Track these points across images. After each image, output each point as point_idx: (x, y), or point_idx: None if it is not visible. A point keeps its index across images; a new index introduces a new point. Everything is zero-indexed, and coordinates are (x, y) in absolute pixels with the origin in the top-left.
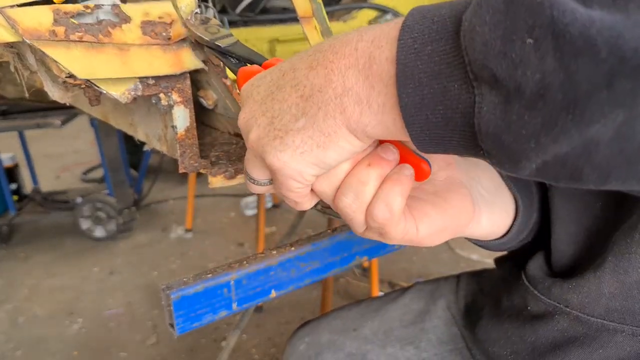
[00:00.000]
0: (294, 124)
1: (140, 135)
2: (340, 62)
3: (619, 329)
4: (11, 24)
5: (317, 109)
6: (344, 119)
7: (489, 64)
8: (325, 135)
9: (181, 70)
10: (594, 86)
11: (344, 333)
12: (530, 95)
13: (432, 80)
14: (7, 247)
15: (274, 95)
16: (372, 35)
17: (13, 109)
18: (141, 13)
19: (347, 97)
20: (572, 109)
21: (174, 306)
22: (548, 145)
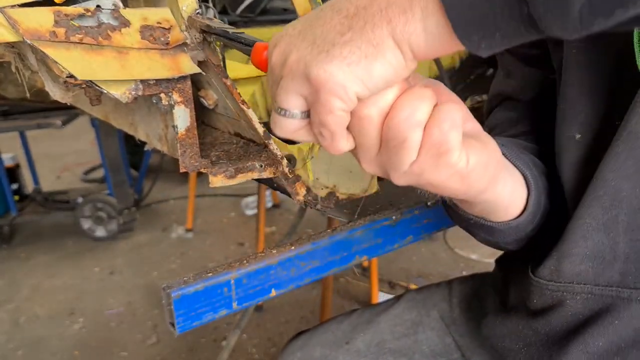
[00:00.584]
0: (341, 37)
1: (140, 135)
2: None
3: (634, 296)
4: (12, 24)
5: (364, 22)
6: (390, 29)
7: None
8: (374, 45)
9: (179, 74)
10: None
11: (336, 347)
12: None
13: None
14: (8, 247)
15: (313, 23)
16: None
17: (14, 109)
18: (140, 18)
19: (392, 9)
20: None
21: (175, 305)
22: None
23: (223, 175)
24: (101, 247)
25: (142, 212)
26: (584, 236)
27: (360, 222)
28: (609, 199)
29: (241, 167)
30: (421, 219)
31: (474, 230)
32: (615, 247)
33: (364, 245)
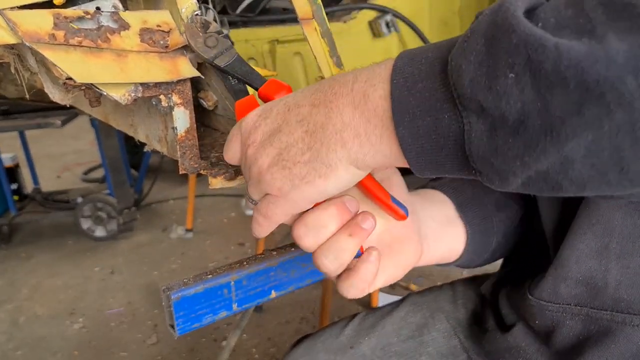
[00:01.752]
0: (301, 156)
1: (140, 136)
2: (339, 101)
3: (627, 321)
4: (11, 26)
5: (320, 144)
6: (344, 152)
7: (476, 97)
8: (327, 166)
9: (177, 77)
10: (567, 112)
11: (340, 352)
12: (513, 122)
13: (425, 113)
14: (8, 247)
15: (281, 128)
16: (365, 76)
17: (14, 109)
18: (140, 21)
19: (347, 132)
20: (550, 132)
21: (174, 307)
22: (531, 163)
23: (223, 176)
24: (101, 247)
25: (142, 212)
26: (577, 262)
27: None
28: (602, 227)
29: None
30: None
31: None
32: (606, 274)
33: None
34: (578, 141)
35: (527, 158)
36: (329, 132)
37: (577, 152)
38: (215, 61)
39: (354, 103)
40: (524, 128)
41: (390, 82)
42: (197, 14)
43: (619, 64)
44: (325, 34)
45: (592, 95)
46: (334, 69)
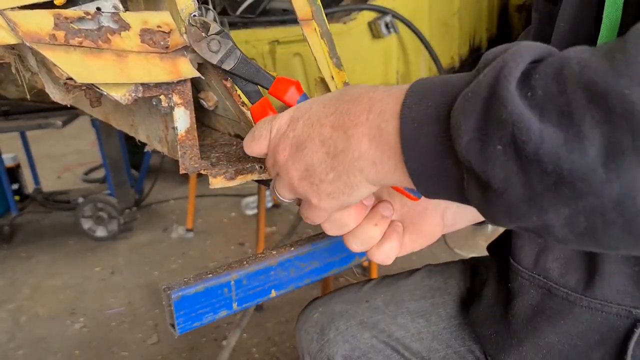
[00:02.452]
0: (325, 176)
1: (141, 136)
2: (356, 130)
3: (578, 301)
4: (11, 26)
5: (342, 168)
6: (363, 176)
7: (469, 158)
8: (349, 187)
9: (178, 78)
10: (545, 188)
11: (356, 303)
12: (497, 188)
13: (431, 154)
14: (9, 247)
15: (306, 145)
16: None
17: (15, 109)
18: (140, 21)
19: (364, 160)
20: (529, 202)
21: (175, 306)
22: (513, 222)
23: (223, 176)
24: (102, 247)
25: (143, 212)
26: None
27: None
28: None
29: (241, 168)
30: None
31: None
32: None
33: None
34: (555, 212)
35: (508, 220)
36: (349, 159)
37: (555, 221)
38: (223, 66)
39: (370, 135)
40: (507, 195)
41: (400, 119)
42: (194, 15)
43: (591, 156)
44: (325, 35)
45: (567, 180)
46: (334, 69)
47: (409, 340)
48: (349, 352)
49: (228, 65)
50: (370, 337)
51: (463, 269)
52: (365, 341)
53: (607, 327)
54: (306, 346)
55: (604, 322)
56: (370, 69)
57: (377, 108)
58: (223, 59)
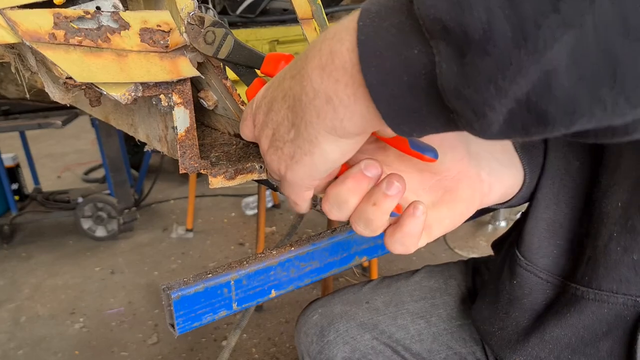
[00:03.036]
0: (287, 135)
1: (140, 136)
2: (308, 66)
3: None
4: (11, 26)
5: (300, 119)
6: (319, 122)
7: (438, 14)
8: (309, 142)
9: (178, 77)
10: (541, 12)
11: (356, 305)
12: (480, 39)
13: (393, 52)
14: (8, 247)
15: (272, 107)
16: (333, 32)
17: (14, 109)
18: (140, 20)
19: (318, 99)
20: (524, 42)
21: (174, 306)
22: (507, 87)
23: (223, 176)
24: (102, 247)
25: (143, 212)
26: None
27: None
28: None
29: (241, 168)
30: None
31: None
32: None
33: (363, 245)
34: (558, 48)
35: (502, 81)
36: (303, 104)
37: (559, 62)
38: (218, 55)
39: (322, 64)
40: (493, 43)
41: (357, 29)
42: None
43: None
44: None
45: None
46: None
47: (409, 342)
48: (349, 353)
49: (223, 53)
50: (370, 338)
51: (463, 270)
52: (366, 343)
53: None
54: (306, 348)
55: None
56: None
57: (331, 33)
58: (218, 49)
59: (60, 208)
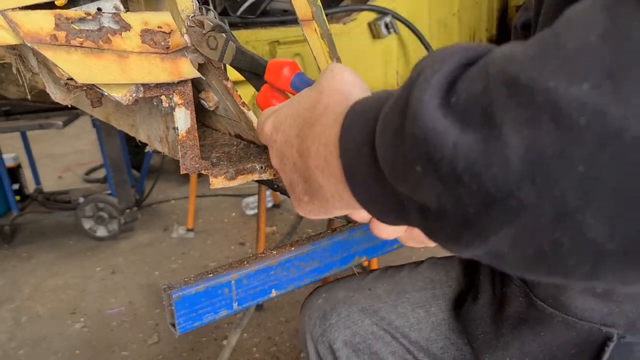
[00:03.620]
0: (303, 196)
1: (141, 136)
2: (312, 162)
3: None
4: (12, 27)
5: (312, 194)
6: (330, 203)
7: (397, 185)
8: (324, 209)
9: (179, 78)
10: (477, 210)
11: (359, 291)
12: (435, 211)
13: (372, 181)
14: (9, 247)
15: (285, 162)
16: (325, 138)
17: (16, 109)
18: (141, 22)
19: (325, 191)
20: (468, 226)
21: (175, 306)
22: (464, 250)
23: (223, 176)
24: (103, 247)
25: (143, 212)
26: None
27: (359, 223)
28: None
29: (241, 168)
30: None
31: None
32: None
33: (363, 245)
34: (497, 237)
35: (460, 245)
36: (315, 188)
37: (502, 245)
38: (223, 61)
39: (320, 168)
40: (446, 219)
41: (339, 149)
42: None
43: (514, 170)
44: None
45: (495, 199)
46: None
47: (407, 330)
48: (349, 337)
49: (227, 59)
50: (370, 324)
51: (465, 263)
52: (366, 328)
53: (582, 341)
54: (309, 330)
55: (579, 337)
56: (370, 70)
57: (324, 138)
58: (222, 54)
59: (61, 208)
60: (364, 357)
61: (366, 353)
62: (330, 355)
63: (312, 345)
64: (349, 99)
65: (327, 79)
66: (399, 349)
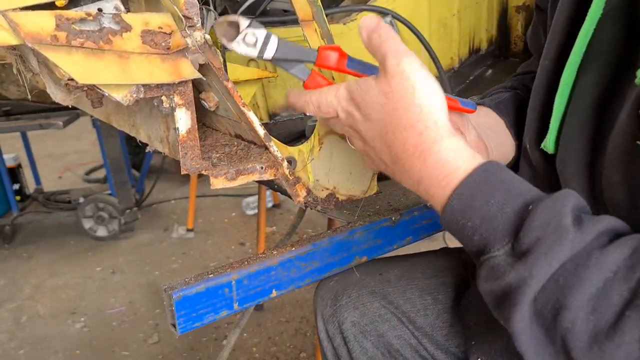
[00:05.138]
0: (385, 168)
1: (142, 136)
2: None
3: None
4: (13, 27)
5: (399, 177)
6: (412, 185)
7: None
8: (399, 179)
9: (179, 79)
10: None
11: (370, 275)
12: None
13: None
14: (10, 247)
15: (372, 146)
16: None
17: (16, 109)
18: (142, 22)
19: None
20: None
21: (176, 306)
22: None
23: (224, 177)
24: (103, 247)
25: (144, 212)
26: None
27: (360, 223)
28: None
29: (242, 169)
30: (420, 220)
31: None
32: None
33: (363, 246)
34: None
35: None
36: (404, 179)
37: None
38: (264, 57)
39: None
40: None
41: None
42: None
43: None
44: (325, 36)
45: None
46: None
47: (414, 315)
48: (358, 318)
49: (269, 54)
50: (379, 306)
51: None
52: (374, 310)
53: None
54: (320, 311)
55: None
56: None
57: (423, 189)
58: (262, 50)
59: (62, 208)
60: (371, 339)
61: (373, 335)
62: (339, 335)
63: (322, 326)
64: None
65: (399, 94)
66: (405, 333)
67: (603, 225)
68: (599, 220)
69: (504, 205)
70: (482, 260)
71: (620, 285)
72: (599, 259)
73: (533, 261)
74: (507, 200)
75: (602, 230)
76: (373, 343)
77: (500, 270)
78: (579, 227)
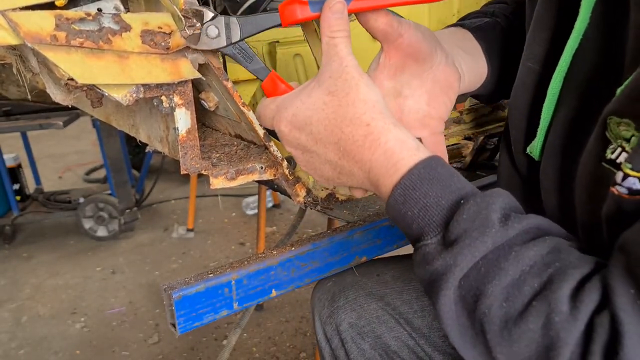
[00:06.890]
0: (331, 175)
1: (142, 136)
2: (357, 179)
3: None
4: (13, 27)
5: (344, 181)
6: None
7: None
8: (344, 184)
9: (179, 79)
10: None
11: (367, 275)
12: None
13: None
14: (10, 247)
15: (311, 154)
16: (376, 181)
17: (16, 109)
18: (141, 22)
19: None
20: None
21: (176, 306)
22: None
23: (224, 177)
24: (103, 247)
25: (144, 212)
26: None
27: (359, 223)
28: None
29: (242, 168)
30: None
31: None
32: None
33: (363, 245)
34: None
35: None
36: (351, 181)
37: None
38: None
39: (367, 186)
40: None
41: (392, 192)
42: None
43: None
44: None
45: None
46: None
47: (411, 316)
48: (355, 320)
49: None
50: (376, 308)
51: None
52: (371, 311)
53: None
54: (318, 312)
55: None
56: None
57: (373, 178)
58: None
59: (62, 208)
60: (368, 340)
61: (370, 336)
62: (337, 337)
63: (320, 327)
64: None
65: (343, 91)
66: (402, 334)
67: (528, 223)
68: (525, 218)
69: (439, 199)
70: (417, 247)
71: (533, 278)
72: (518, 252)
73: (458, 250)
74: (443, 194)
75: (526, 228)
76: (370, 344)
77: (430, 257)
78: (504, 223)
